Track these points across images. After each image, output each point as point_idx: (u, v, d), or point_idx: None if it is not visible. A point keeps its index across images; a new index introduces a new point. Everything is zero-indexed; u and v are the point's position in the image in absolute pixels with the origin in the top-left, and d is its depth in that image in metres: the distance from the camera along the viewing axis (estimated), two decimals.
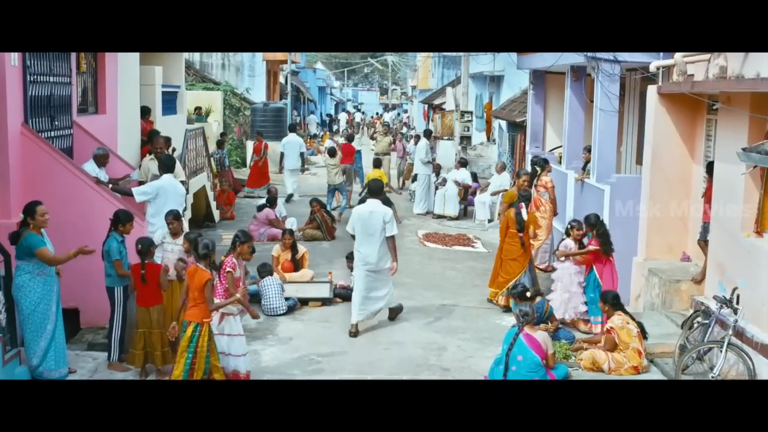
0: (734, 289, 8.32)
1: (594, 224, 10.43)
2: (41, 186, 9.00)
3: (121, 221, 8.28)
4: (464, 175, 19.03)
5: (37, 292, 7.73)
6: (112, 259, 8.16)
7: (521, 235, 10.91)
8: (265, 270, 10.91)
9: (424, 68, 48.47)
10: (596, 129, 12.47)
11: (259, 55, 32.18)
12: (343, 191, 19.00)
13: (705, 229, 10.14)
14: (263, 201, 16.03)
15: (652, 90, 11.08)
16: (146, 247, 8.20)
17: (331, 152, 19.67)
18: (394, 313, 10.33)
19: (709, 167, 9.94)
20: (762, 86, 7.75)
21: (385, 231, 9.75)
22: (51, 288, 7.88)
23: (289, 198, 20.52)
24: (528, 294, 9.05)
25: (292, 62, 37.04)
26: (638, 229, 11.46)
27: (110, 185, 10.04)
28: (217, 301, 7.52)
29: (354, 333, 9.63)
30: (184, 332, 7.38)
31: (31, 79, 9.36)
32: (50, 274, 7.87)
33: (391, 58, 73.85)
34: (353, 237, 9.97)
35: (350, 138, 23.61)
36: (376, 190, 10.35)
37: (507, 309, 10.88)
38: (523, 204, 11.17)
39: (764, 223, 8.55)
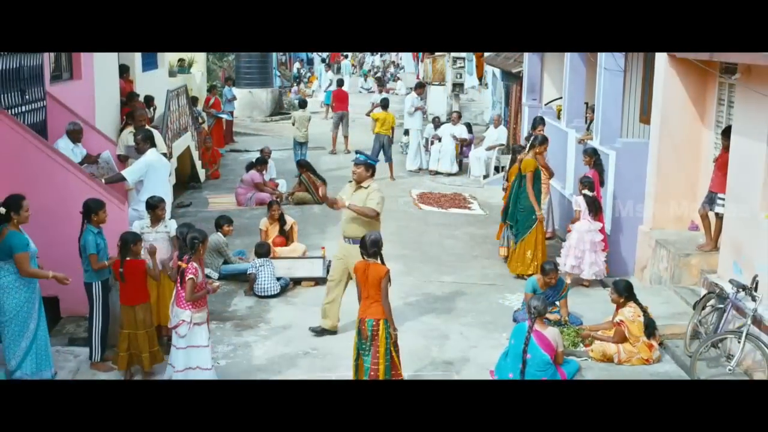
0: (754, 277, 7.86)
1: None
2: (13, 170, 8.34)
3: (92, 211, 7.65)
4: (461, 130, 18.33)
5: (23, 293, 7.10)
6: (88, 254, 7.58)
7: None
8: (262, 250, 10.34)
9: None
10: (600, 90, 11.85)
11: None
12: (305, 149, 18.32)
13: (710, 199, 9.64)
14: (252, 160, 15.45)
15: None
16: (127, 243, 7.59)
17: (302, 103, 19.11)
18: None
19: (725, 133, 9.37)
20: None
21: None
22: (35, 287, 7.27)
23: None
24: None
25: None
26: (644, 197, 11.01)
27: (86, 163, 9.47)
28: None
29: None
30: (371, 331, 6.93)
31: None
32: None
33: None
34: None
35: (341, 83, 23.02)
36: None
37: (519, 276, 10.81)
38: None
39: None
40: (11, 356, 7.22)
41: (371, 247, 7.12)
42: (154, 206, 8.19)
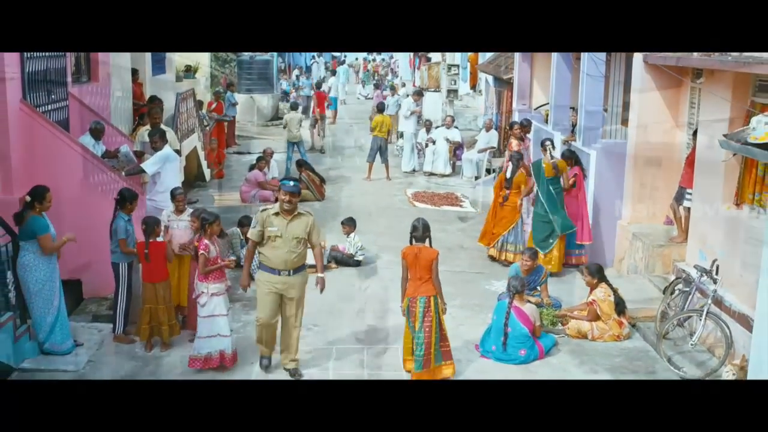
0: (714, 261, 8.69)
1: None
2: (42, 162, 9.20)
3: (127, 200, 8.52)
4: (454, 133, 19.26)
5: (43, 270, 7.99)
6: (118, 238, 8.42)
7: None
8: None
9: None
10: (583, 94, 12.70)
11: None
12: (303, 147, 19.43)
13: (680, 193, 10.49)
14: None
15: (638, 59, 11.28)
16: (150, 226, 8.45)
17: (294, 106, 20.19)
18: None
19: (695, 133, 10.21)
20: (745, 67, 7.98)
21: None
22: (55, 265, 8.15)
23: None
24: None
25: None
26: (623, 194, 11.82)
27: (106, 158, 10.29)
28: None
29: None
30: (423, 307, 7.80)
31: (28, 55, 9.46)
32: None
33: None
34: None
35: (319, 85, 24.19)
36: None
37: (493, 259, 12.03)
38: None
39: (743, 196, 8.87)
40: (39, 330, 8.11)
41: (423, 232, 7.85)
42: (173, 195, 9.05)
